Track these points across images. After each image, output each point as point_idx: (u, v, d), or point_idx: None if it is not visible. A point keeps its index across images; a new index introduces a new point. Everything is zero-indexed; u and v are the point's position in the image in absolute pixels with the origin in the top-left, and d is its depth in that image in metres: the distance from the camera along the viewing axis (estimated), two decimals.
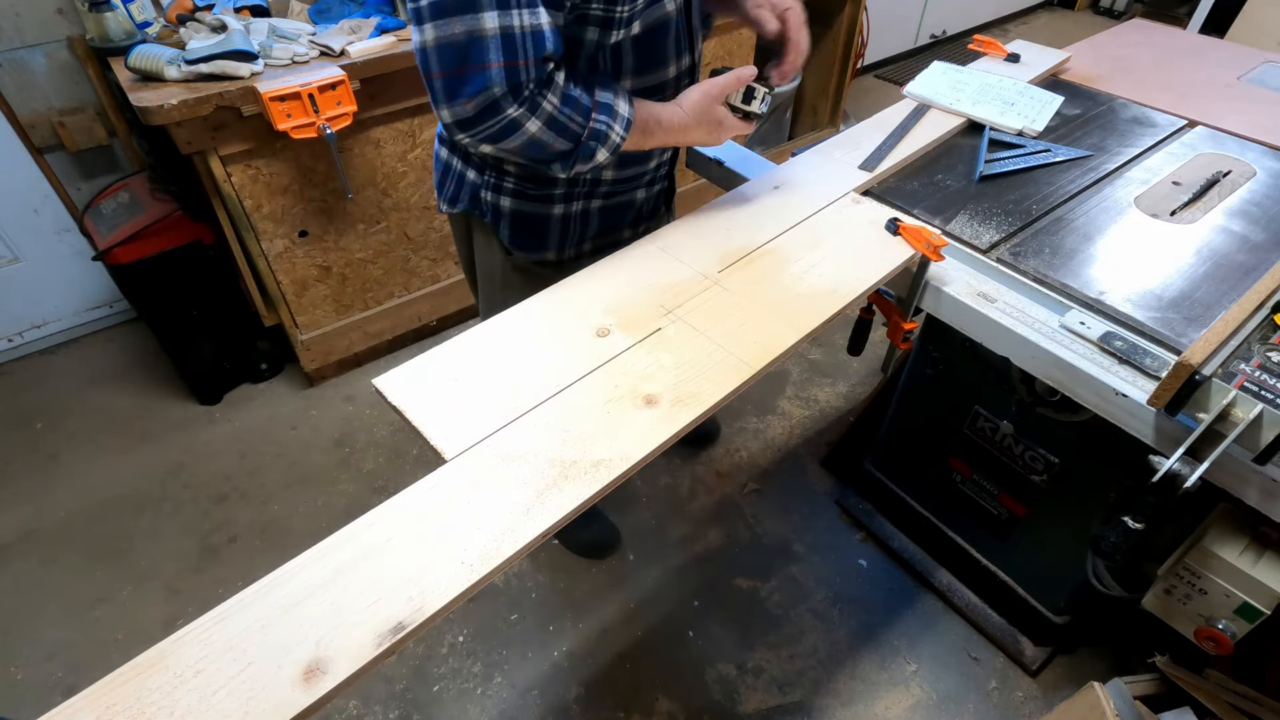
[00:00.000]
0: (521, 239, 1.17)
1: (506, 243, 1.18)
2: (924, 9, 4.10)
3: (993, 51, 1.60)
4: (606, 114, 0.93)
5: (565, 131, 0.90)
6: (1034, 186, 1.22)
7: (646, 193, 1.21)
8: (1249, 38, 3.27)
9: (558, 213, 1.14)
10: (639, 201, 1.21)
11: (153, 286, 1.98)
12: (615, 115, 0.94)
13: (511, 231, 1.16)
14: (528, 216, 1.14)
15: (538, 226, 1.15)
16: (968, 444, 1.49)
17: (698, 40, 1.09)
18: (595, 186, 1.13)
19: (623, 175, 1.14)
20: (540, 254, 1.19)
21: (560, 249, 1.19)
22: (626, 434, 0.77)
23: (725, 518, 1.91)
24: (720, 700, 1.56)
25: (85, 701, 0.56)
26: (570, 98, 0.90)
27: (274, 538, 1.86)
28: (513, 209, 1.13)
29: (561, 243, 1.18)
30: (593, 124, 0.92)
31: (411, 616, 0.62)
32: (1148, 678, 1.26)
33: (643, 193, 1.20)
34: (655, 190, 1.24)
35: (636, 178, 1.16)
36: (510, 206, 1.13)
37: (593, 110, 0.92)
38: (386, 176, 2.00)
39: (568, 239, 1.18)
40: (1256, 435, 0.78)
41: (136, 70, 1.64)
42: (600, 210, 1.17)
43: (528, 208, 1.13)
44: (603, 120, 0.93)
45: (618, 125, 0.94)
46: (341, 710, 1.54)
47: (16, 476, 2.00)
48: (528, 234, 1.16)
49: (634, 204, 1.21)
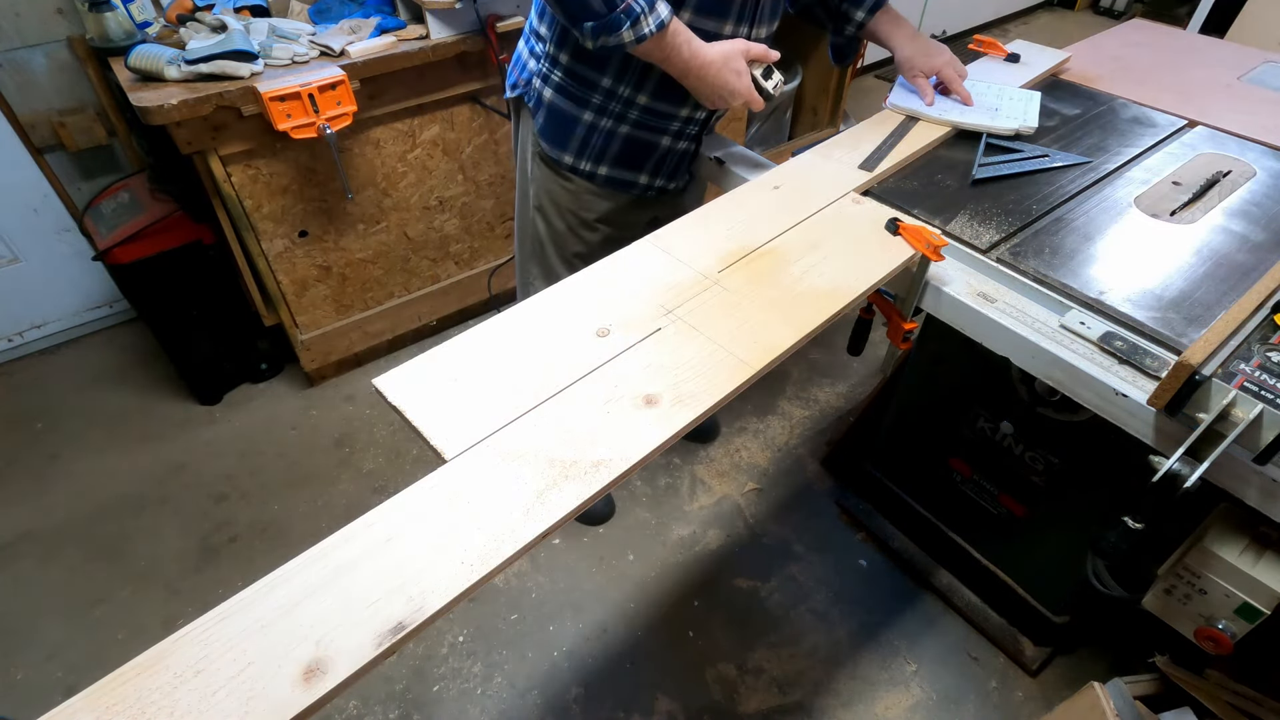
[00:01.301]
0: (550, 131, 1.28)
1: (537, 131, 1.30)
2: (924, 9, 4.11)
3: (993, 52, 1.60)
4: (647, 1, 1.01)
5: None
6: (1034, 186, 1.22)
7: (672, 143, 1.29)
8: (1249, 38, 3.27)
9: (587, 119, 1.24)
10: (663, 148, 1.29)
11: (153, 286, 1.98)
12: (654, 7, 1.02)
13: (545, 121, 1.28)
14: (561, 113, 1.25)
15: (566, 124, 1.26)
16: (968, 444, 1.49)
17: (764, 20, 1.19)
18: (627, 109, 1.22)
19: (655, 107, 1.22)
20: (559, 152, 1.29)
21: (577, 156, 1.28)
22: (626, 434, 0.77)
23: (725, 518, 1.91)
24: (720, 700, 1.56)
25: (85, 701, 0.56)
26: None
27: (274, 538, 1.86)
28: (551, 101, 1.25)
29: (581, 150, 1.27)
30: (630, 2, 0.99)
31: (411, 616, 0.62)
32: (1148, 678, 1.26)
33: (668, 140, 1.28)
34: (681, 146, 1.31)
35: (667, 117, 1.24)
36: (550, 98, 1.25)
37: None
38: (386, 176, 2.00)
39: (587, 150, 1.27)
40: (1256, 435, 0.78)
41: (136, 70, 1.64)
42: (625, 137, 1.26)
43: (563, 104, 1.24)
44: (641, 3, 1.00)
45: (651, 17, 1.01)
46: (341, 710, 1.54)
47: (16, 476, 2.00)
48: (556, 128, 1.27)
49: (657, 147, 1.29)
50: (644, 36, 1.02)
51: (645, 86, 1.20)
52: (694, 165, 1.40)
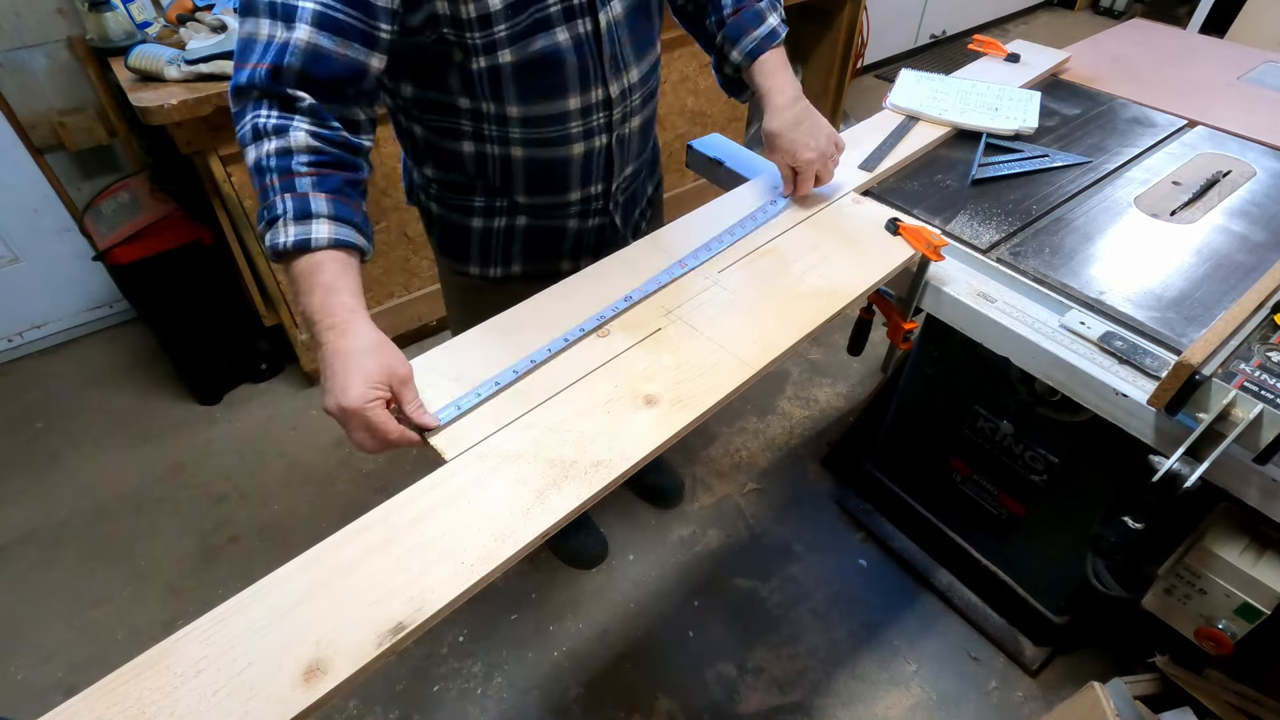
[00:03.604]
0: (447, 246, 1.14)
1: (437, 248, 1.17)
2: (924, 9, 4.10)
3: (993, 51, 1.60)
4: (296, 208, 0.73)
5: (259, 184, 0.75)
6: (1034, 186, 1.22)
7: (581, 224, 1.12)
8: (1249, 38, 3.26)
9: (477, 225, 1.09)
10: (572, 230, 1.12)
11: (152, 286, 1.98)
12: (304, 220, 0.74)
13: (440, 237, 1.15)
14: (451, 225, 1.11)
15: (460, 236, 1.11)
16: (968, 444, 1.49)
17: (625, 67, 0.98)
18: (513, 205, 1.07)
19: (536, 202, 1.07)
20: (464, 266, 1.15)
21: (483, 265, 1.13)
22: (626, 434, 0.77)
23: (725, 518, 1.91)
24: (720, 700, 1.56)
25: (85, 702, 0.56)
26: (288, 159, 0.74)
27: (274, 538, 1.86)
28: (439, 214, 1.11)
29: (484, 259, 1.12)
30: (276, 199, 0.74)
31: (411, 616, 0.62)
32: (1148, 678, 1.26)
33: (575, 223, 1.12)
34: (594, 223, 1.14)
35: (557, 207, 1.08)
36: (437, 211, 1.11)
37: (291, 193, 0.74)
38: (386, 176, 2.00)
39: (491, 256, 1.12)
40: (1256, 435, 0.78)
41: (136, 70, 1.64)
42: (525, 231, 1.10)
43: (450, 215, 1.10)
44: (286, 206, 0.73)
45: (294, 229, 0.73)
46: (341, 710, 1.54)
47: (16, 476, 2.00)
48: (452, 242, 1.13)
49: (565, 232, 1.12)
50: (275, 247, 0.73)
51: (514, 183, 1.03)
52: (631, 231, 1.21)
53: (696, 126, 2.61)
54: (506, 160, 1.00)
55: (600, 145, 1.03)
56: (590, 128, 1.00)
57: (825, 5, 2.92)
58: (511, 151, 0.99)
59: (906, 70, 1.47)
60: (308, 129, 0.75)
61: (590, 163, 1.04)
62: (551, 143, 0.99)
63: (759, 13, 1.06)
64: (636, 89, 1.02)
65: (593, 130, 1.00)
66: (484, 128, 0.97)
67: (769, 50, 1.06)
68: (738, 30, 1.07)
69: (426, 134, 1.01)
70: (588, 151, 1.02)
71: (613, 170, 1.08)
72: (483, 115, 0.95)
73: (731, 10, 1.07)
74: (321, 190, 0.75)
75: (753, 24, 1.06)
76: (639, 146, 1.12)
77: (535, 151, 0.99)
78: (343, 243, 0.75)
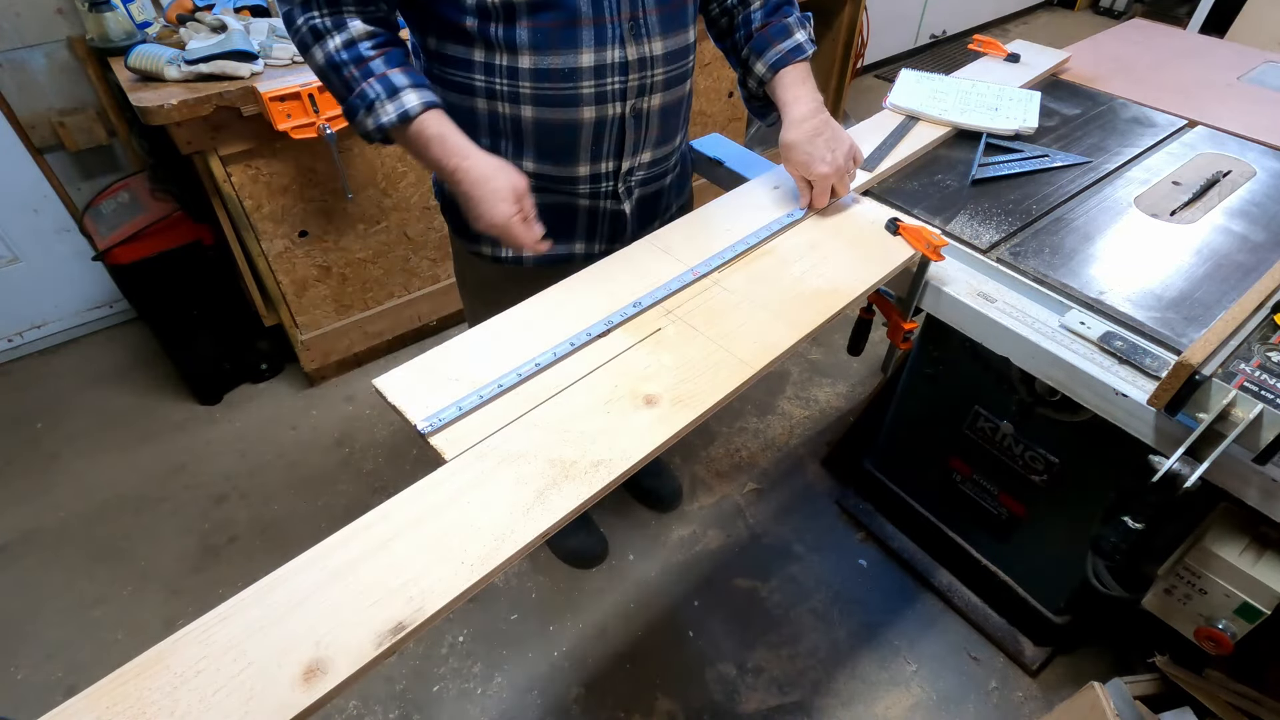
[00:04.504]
0: (461, 225, 1.14)
1: (452, 231, 1.18)
2: (924, 9, 4.11)
3: (993, 51, 1.60)
4: (385, 88, 0.89)
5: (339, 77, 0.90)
6: (1034, 186, 1.22)
7: (591, 204, 1.11)
8: (1249, 38, 3.27)
9: None
10: (582, 209, 1.11)
11: (153, 286, 1.98)
12: (396, 95, 0.90)
13: (454, 217, 1.15)
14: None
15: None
16: (968, 444, 1.49)
17: (649, 34, 0.97)
18: (526, 175, 1.06)
19: (543, 171, 1.06)
20: (476, 245, 1.16)
21: (495, 242, 1.13)
22: (626, 434, 0.77)
23: (725, 518, 1.91)
24: (720, 700, 1.56)
25: (85, 702, 0.56)
26: (356, 48, 0.89)
27: (274, 538, 1.86)
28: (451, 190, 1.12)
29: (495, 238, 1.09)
30: (365, 86, 0.89)
31: (411, 616, 0.62)
32: (1148, 678, 1.26)
33: (585, 202, 1.10)
34: (606, 205, 1.12)
35: (565, 181, 1.07)
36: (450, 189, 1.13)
37: (373, 76, 0.89)
38: (386, 176, 2.00)
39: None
40: (1256, 435, 0.78)
41: (136, 70, 1.64)
42: (535, 207, 1.05)
43: None
44: (376, 90, 0.89)
45: (390, 104, 0.89)
46: (341, 710, 1.54)
47: (16, 476, 2.00)
48: (464, 219, 1.11)
49: (575, 210, 1.11)
50: (382, 125, 0.90)
51: (524, 148, 1.04)
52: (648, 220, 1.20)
53: (696, 126, 2.61)
54: (517, 121, 1.01)
55: (614, 114, 1.02)
56: (603, 91, 0.99)
57: (825, 5, 2.92)
58: (522, 111, 1.00)
59: (906, 70, 1.47)
60: (359, 17, 0.90)
61: (602, 132, 1.03)
62: (562, 102, 0.98)
63: (786, 27, 1.09)
64: (659, 63, 1.01)
65: (605, 94, 0.99)
66: (496, 83, 0.98)
67: (793, 64, 1.08)
68: (764, 43, 1.09)
69: (444, 93, 1.02)
70: (600, 119, 1.01)
71: (624, 147, 1.06)
72: (495, 69, 0.96)
73: (760, 24, 1.09)
74: (393, 66, 0.91)
75: (779, 38, 1.08)
76: (658, 133, 1.09)
77: (545, 112, 0.99)
78: (429, 103, 0.91)
